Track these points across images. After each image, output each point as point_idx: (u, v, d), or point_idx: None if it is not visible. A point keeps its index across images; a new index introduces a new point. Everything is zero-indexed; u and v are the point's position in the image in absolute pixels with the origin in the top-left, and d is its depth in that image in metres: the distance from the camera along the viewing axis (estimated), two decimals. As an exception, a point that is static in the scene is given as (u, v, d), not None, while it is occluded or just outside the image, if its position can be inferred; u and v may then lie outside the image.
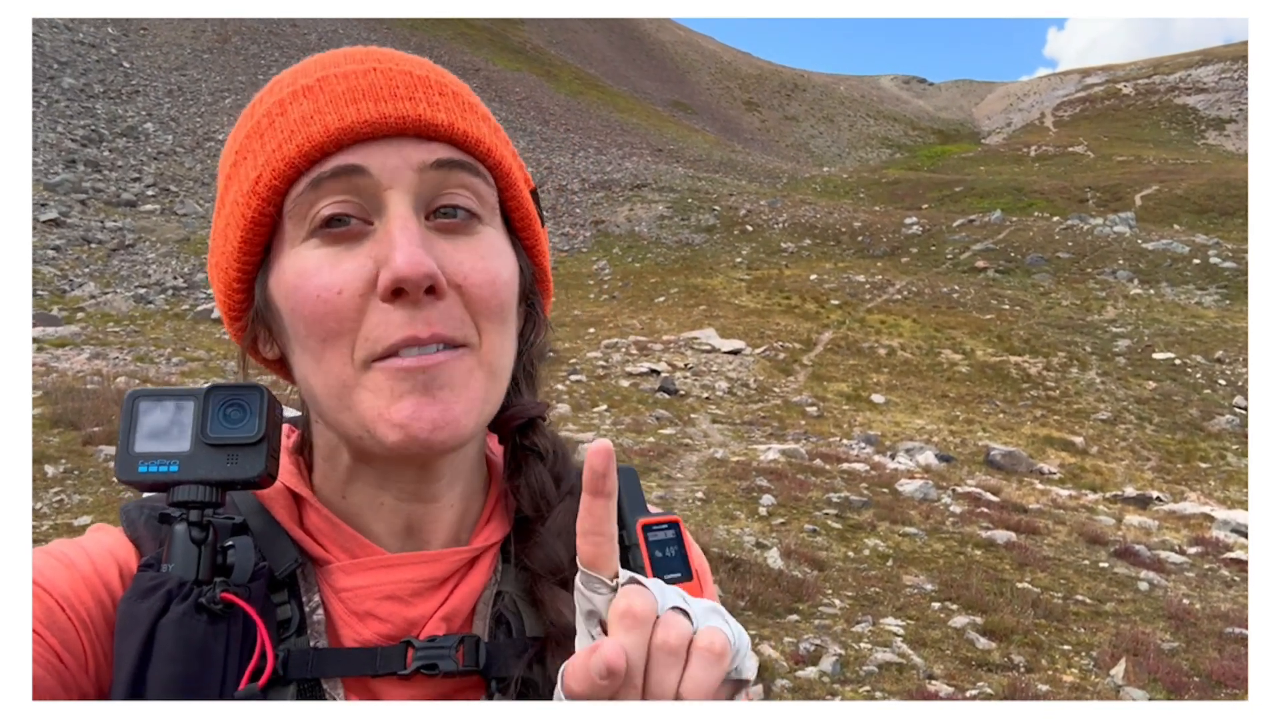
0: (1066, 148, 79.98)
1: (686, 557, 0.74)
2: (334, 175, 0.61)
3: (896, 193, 55.78)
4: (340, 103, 0.62)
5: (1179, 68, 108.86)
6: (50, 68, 38.41)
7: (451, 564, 0.70)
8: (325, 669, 0.65)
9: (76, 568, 0.62)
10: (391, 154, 0.62)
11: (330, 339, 0.62)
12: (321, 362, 0.63)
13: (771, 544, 7.32)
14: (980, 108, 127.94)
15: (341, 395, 0.63)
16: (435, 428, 0.61)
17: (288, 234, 0.64)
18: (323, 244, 0.62)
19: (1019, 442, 15.88)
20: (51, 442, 8.38)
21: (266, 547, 0.67)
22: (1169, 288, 30.58)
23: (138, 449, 0.62)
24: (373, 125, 0.61)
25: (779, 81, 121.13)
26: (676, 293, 29.05)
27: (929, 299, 28.87)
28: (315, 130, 0.61)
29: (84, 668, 0.60)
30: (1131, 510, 10.76)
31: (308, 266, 0.62)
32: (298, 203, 0.62)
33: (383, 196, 0.62)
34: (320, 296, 0.61)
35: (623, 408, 14.20)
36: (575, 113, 65.20)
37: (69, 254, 25.00)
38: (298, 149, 0.61)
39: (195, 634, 0.58)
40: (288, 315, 0.64)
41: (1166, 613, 6.63)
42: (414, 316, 0.61)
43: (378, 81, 0.63)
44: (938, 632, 5.90)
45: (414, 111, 0.63)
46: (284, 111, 0.63)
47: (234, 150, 0.67)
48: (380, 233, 0.62)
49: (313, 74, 0.65)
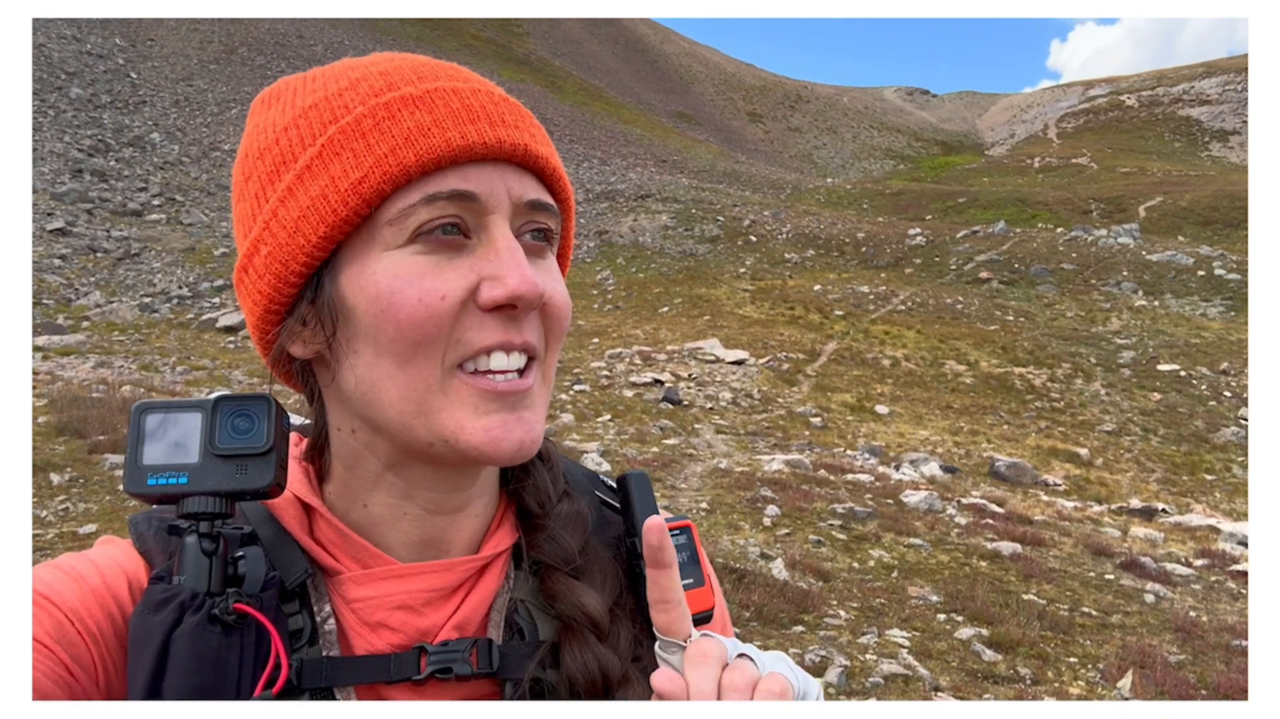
0: (1070, 159, 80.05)
1: (699, 562, 0.75)
2: (449, 197, 0.63)
3: (900, 204, 55.85)
4: (459, 120, 0.64)
5: (1182, 80, 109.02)
6: (58, 78, 38.64)
7: (463, 573, 0.70)
8: (339, 678, 0.65)
9: (86, 581, 0.62)
10: (497, 181, 0.65)
11: (424, 344, 0.63)
12: (407, 365, 0.63)
13: (776, 555, 7.30)
14: (983, 119, 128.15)
15: (423, 400, 0.64)
16: (521, 446, 0.65)
17: (380, 238, 0.63)
18: (424, 251, 0.63)
19: (1024, 453, 15.85)
20: (57, 450, 8.40)
21: (277, 557, 0.67)
22: (1173, 299, 30.54)
23: (146, 461, 0.62)
24: (489, 149, 0.64)
25: (782, 93, 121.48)
26: (680, 303, 29.08)
27: (933, 310, 28.86)
28: (436, 144, 0.62)
29: (94, 681, 0.60)
30: (1137, 522, 10.72)
31: (408, 271, 0.62)
32: (404, 212, 0.63)
33: (485, 219, 0.64)
34: (424, 301, 0.62)
35: (626, 418, 14.19)
36: (579, 124, 65.42)
37: (75, 263, 25.09)
38: (416, 159, 0.62)
39: (209, 646, 0.58)
40: (373, 317, 0.63)
41: (1173, 625, 6.60)
42: (509, 327, 0.64)
43: (487, 104, 0.66)
44: (943, 643, 5.88)
45: (521, 141, 0.66)
46: (393, 116, 0.63)
47: (311, 140, 0.65)
48: (483, 250, 0.64)
49: (413, 82, 0.66)
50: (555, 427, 12.77)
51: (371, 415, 0.66)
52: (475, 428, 0.63)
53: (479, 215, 0.64)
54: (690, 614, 0.63)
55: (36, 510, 6.75)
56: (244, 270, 0.68)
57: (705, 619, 0.74)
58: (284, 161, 0.66)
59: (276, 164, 0.66)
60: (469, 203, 0.63)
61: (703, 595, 0.73)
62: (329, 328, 0.65)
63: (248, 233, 0.68)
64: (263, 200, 0.66)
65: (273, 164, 0.66)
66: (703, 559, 0.75)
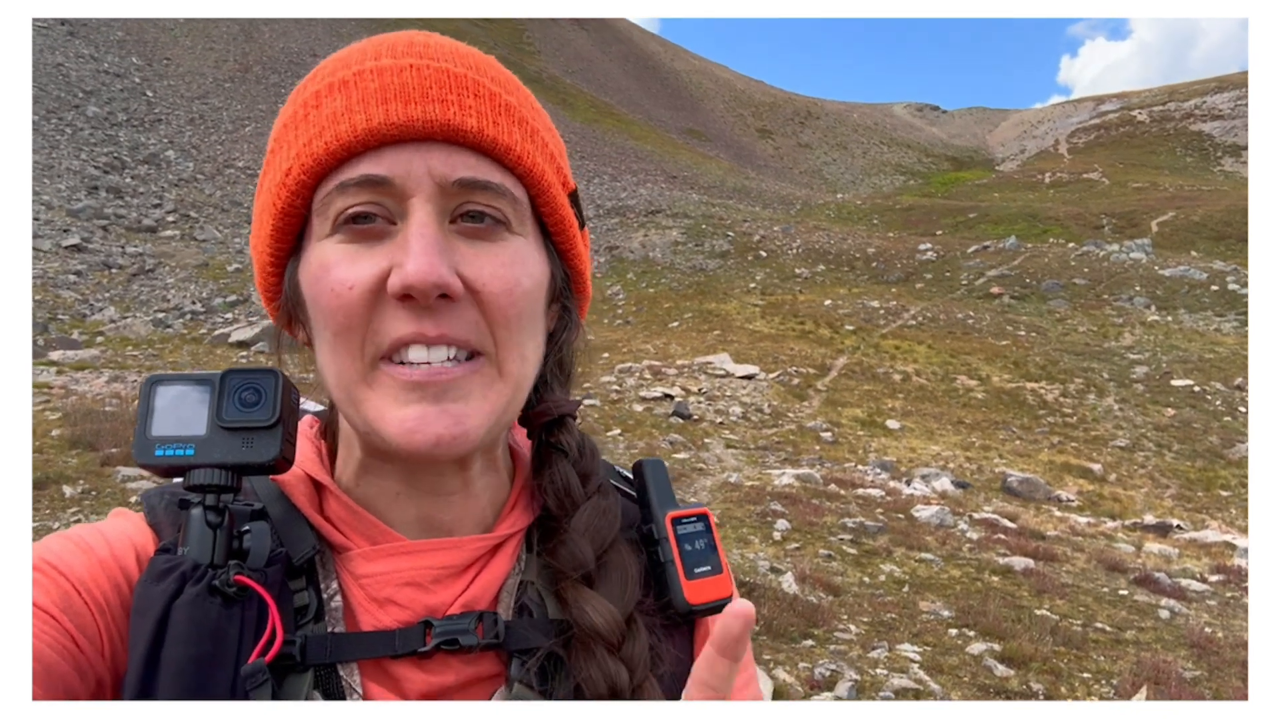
0: (1081, 174, 79.87)
1: (717, 549, 0.74)
2: (359, 184, 0.61)
3: (910, 219, 55.80)
4: (371, 102, 0.61)
5: (1194, 95, 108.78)
6: (75, 96, 39.11)
7: (474, 551, 0.70)
8: (343, 654, 0.65)
9: (94, 553, 0.63)
10: (417, 161, 0.61)
11: (341, 333, 0.62)
12: (336, 353, 0.64)
13: (786, 569, 7.27)
14: (994, 135, 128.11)
15: (350, 390, 0.64)
16: (439, 441, 0.62)
17: (314, 228, 0.65)
18: (345, 240, 0.63)
19: (1036, 468, 15.74)
20: (70, 463, 8.45)
21: (285, 533, 0.67)
22: (1187, 314, 30.36)
23: (154, 433, 0.62)
24: (399, 129, 0.61)
25: (792, 109, 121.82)
26: (690, 318, 29.08)
27: (944, 325, 28.77)
28: (343, 129, 0.61)
29: (100, 652, 0.60)
30: (1151, 538, 10.62)
31: (328, 260, 0.63)
32: (324, 201, 0.63)
33: (406, 203, 0.62)
34: (334, 290, 0.62)
35: (636, 432, 14.17)
36: (590, 140, 65.73)
37: (90, 279, 25.31)
38: (325, 148, 0.62)
39: (209, 617, 0.58)
40: (309, 305, 0.65)
41: (1188, 641, 6.52)
42: (422, 318, 0.61)
43: (410, 80, 0.62)
44: (955, 658, 5.83)
45: (442, 116, 0.62)
46: (319, 104, 0.64)
47: (274, 136, 0.68)
48: (400, 236, 0.62)
49: (351, 66, 0.65)
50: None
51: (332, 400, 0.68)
52: (392, 418, 0.62)
53: (400, 200, 0.62)
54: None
55: (49, 522, 6.78)
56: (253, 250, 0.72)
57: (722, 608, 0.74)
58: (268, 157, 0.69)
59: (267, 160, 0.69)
60: (384, 187, 0.61)
61: (721, 583, 0.73)
62: (296, 316, 0.68)
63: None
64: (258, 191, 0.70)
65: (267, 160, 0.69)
66: (719, 547, 0.75)
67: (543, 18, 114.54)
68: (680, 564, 0.72)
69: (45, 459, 8.51)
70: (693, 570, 0.72)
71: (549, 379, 0.76)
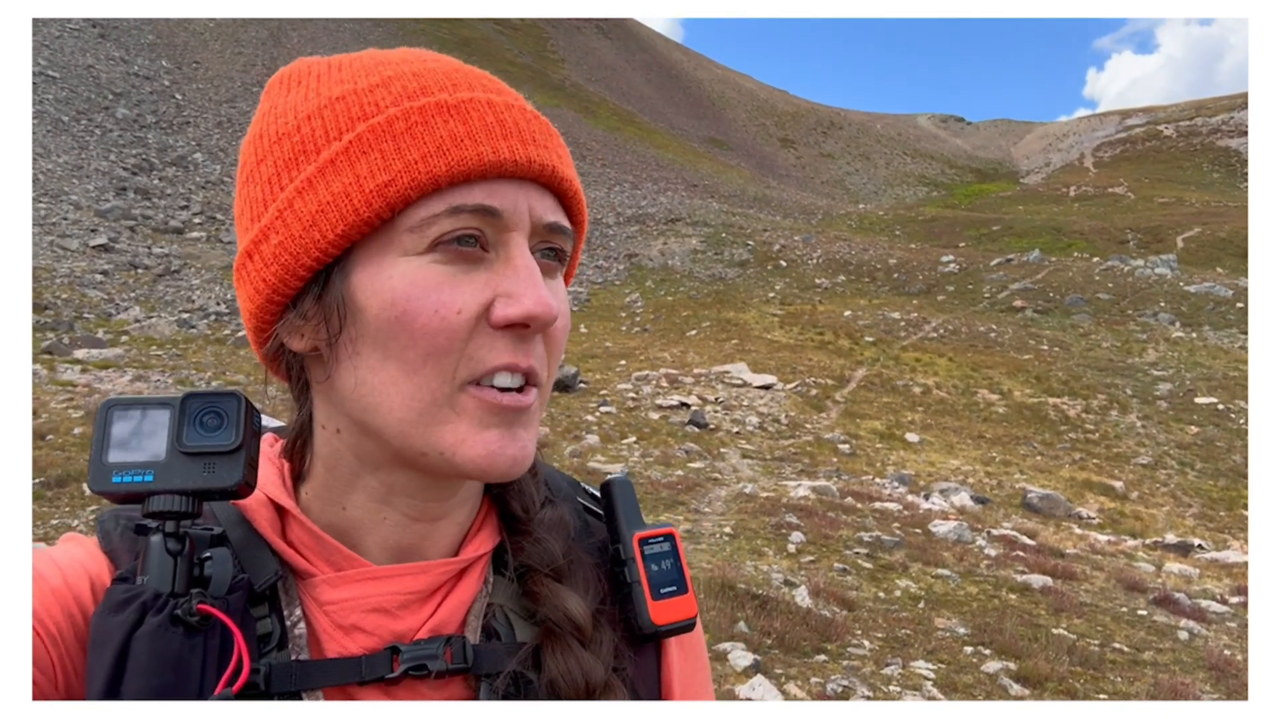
0: (1106, 189, 79.23)
1: (682, 569, 0.75)
2: (473, 211, 0.62)
3: (933, 231, 55.54)
4: (493, 134, 0.63)
5: (1221, 110, 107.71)
6: (105, 98, 39.69)
7: (440, 575, 0.69)
8: (309, 682, 0.63)
9: (46, 581, 0.61)
10: (521, 199, 0.64)
11: (434, 355, 0.62)
12: (415, 374, 0.62)
13: (800, 582, 7.22)
14: (1019, 147, 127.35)
15: (426, 411, 0.63)
16: (514, 464, 0.64)
17: (398, 242, 0.62)
18: (442, 261, 0.62)
19: (1057, 485, 15.58)
20: (91, 461, 8.54)
21: (246, 558, 0.66)
22: (1211, 331, 30.01)
23: (111, 459, 0.60)
24: (519, 167, 0.63)
25: (815, 119, 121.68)
26: (708, 326, 29.06)
27: (965, 338, 28.59)
28: (468, 156, 0.62)
29: (53, 683, 0.58)
30: (1172, 558, 10.48)
31: (426, 280, 0.62)
32: (427, 220, 0.62)
33: (505, 235, 0.64)
34: (439, 313, 0.61)
35: (652, 440, 14.16)
36: (612, 148, 65.95)
37: (116, 278, 25.63)
38: (446, 170, 0.61)
39: (171, 647, 0.57)
40: (386, 322, 0.62)
41: (1207, 663, 6.42)
42: (523, 350, 0.63)
43: (519, 120, 0.65)
44: (970, 677, 5.77)
45: (549, 161, 0.65)
46: (427, 122, 0.63)
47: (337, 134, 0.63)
48: (500, 266, 0.63)
49: (449, 89, 0.65)
50: (580, 448, 12.77)
51: (366, 419, 0.64)
52: (476, 441, 0.63)
53: (499, 231, 0.63)
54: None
55: (68, 520, 6.86)
56: (249, 256, 0.66)
57: (689, 627, 0.75)
58: (304, 151, 0.64)
59: (296, 152, 0.64)
60: (492, 218, 0.63)
61: (686, 603, 0.74)
62: (335, 326, 0.64)
63: (256, 217, 0.66)
64: (276, 187, 0.65)
65: (291, 151, 0.64)
66: (685, 566, 0.75)
67: (568, 26, 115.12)
68: (647, 584, 0.72)
69: (67, 457, 8.61)
70: (659, 590, 0.73)
71: None
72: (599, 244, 40.89)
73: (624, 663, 0.71)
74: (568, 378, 17.46)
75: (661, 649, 0.77)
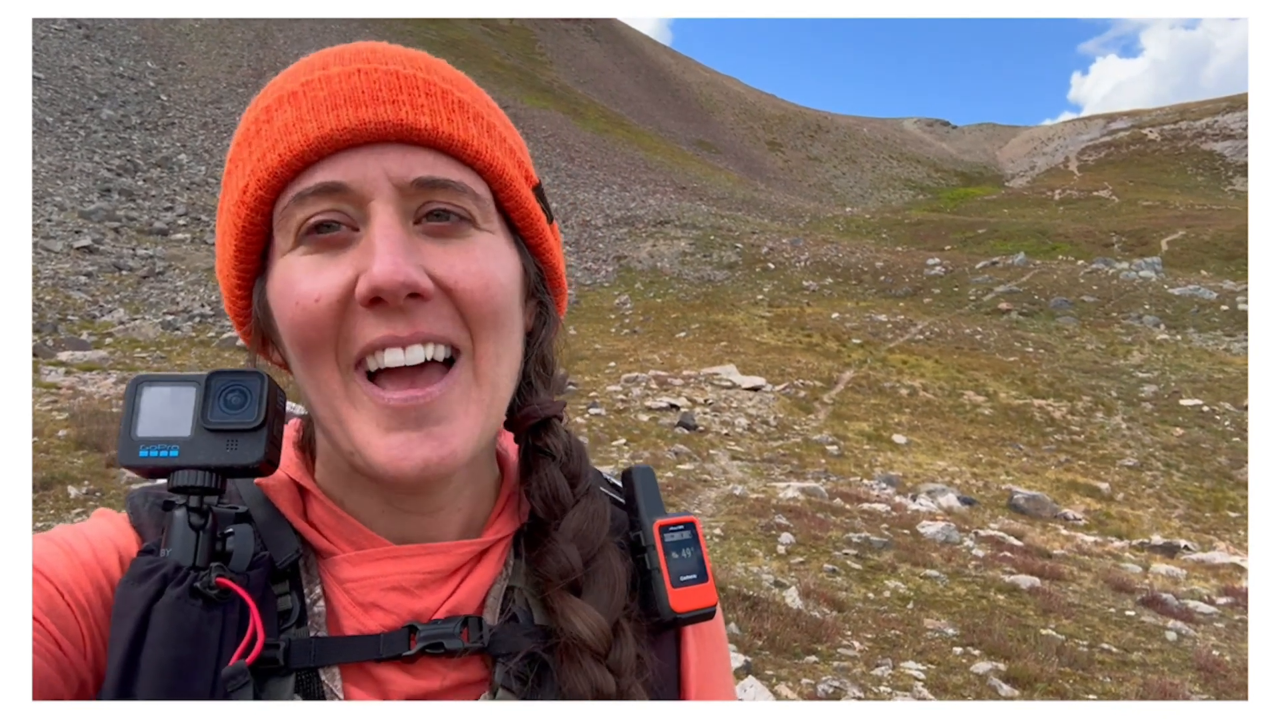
0: (1091, 192, 79.77)
1: (703, 558, 0.74)
2: (316, 193, 0.60)
3: (919, 234, 55.76)
4: (321, 110, 0.61)
5: (1206, 114, 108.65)
6: (90, 99, 39.38)
7: (460, 556, 0.69)
8: (327, 657, 0.64)
9: (77, 554, 0.62)
10: (372, 164, 0.61)
11: (312, 348, 0.61)
12: (311, 370, 0.62)
13: (790, 583, 7.23)
14: (1004, 151, 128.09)
15: (333, 406, 0.62)
16: (426, 465, 0.61)
17: (277, 243, 0.64)
18: (309, 251, 0.62)
19: (1043, 486, 15.65)
20: (75, 463, 8.46)
21: (269, 536, 0.67)
22: (1196, 334, 30.24)
23: (139, 434, 0.61)
24: (352, 133, 0.60)
25: (802, 122, 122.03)
26: (697, 328, 29.07)
27: (951, 340, 28.71)
28: (296, 140, 0.60)
29: (82, 654, 0.59)
30: (1158, 558, 10.54)
31: (292, 275, 0.62)
32: (283, 214, 0.62)
33: (367, 207, 0.61)
34: (300, 304, 0.60)
35: (641, 442, 14.14)
36: (600, 150, 65.91)
37: (100, 280, 25.41)
38: (279, 159, 0.61)
39: (189, 619, 0.58)
40: (279, 323, 0.64)
41: (1195, 664, 6.46)
42: (393, 319, 0.60)
43: (359, 85, 0.62)
44: (959, 677, 5.78)
45: (395, 116, 0.61)
46: (270, 118, 0.63)
47: (230, 156, 0.66)
48: (364, 240, 0.61)
49: (300, 77, 0.64)
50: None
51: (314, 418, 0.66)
52: (379, 445, 0.61)
53: (359, 205, 0.61)
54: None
55: (54, 523, 6.79)
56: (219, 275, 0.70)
57: (709, 615, 0.74)
58: (227, 174, 0.68)
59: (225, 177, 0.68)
60: (342, 194, 0.60)
61: (706, 591, 0.74)
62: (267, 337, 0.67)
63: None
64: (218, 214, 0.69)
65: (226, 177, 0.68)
66: (706, 555, 0.75)
67: (556, 29, 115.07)
68: (666, 572, 0.72)
69: (51, 459, 8.53)
70: (679, 578, 0.73)
71: (532, 380, 0.75)
72: (588, 246, 40.85)
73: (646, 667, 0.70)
74: (556, 380, 17.43)
75: (680, 638, 0.77)
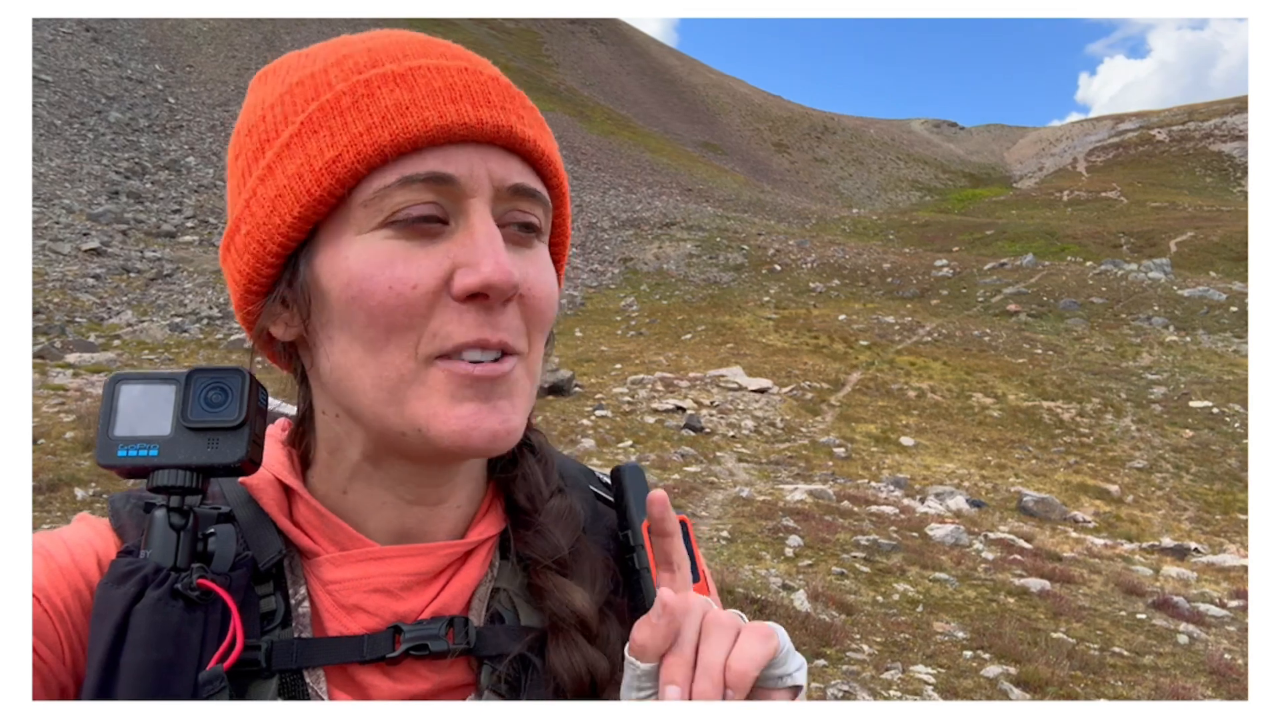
0: (1099, 193, 79.57)
1: (695, 558, 0.73)
2: (425, 180, 0.61)
3: (926, 235, 55.68)
4: (439, 99, 0.61)
5: (1214, 115, 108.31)
6: (98, 102, 39.57)
7: (444, 558, 0.69)
8: (310, 659, 0.64)
9: (54, 559, 0.62)
10: (478, 163, 0.62)
11: (395, 331, 0.61)
12: (379, 353, 0.61)
13: (798, 586, 7.18)
14: (1012, 152, 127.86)
15: (396, 389, 0.62)
16: (494, 437, 0.62)
17: (354, 219, 0.62)
18: (395, 236, 0.61)
19: (1052, 488, 15.58)
20: (82, 465, 8.46)
21: (252, 537, 0.66)
22: (1205, 335, 30.10)
23: (117, 433, 0.60)
24: (469, 129, 0.61)
25: (809, 124, 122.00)
26: (704, 330, 29.05)
27: (959, 342, 28.63)
28: (412, 123, 0.60)
29: (61, 659, 0.59)
30: (1169, 561, 10.47)
31: (380, 257, 0.60)
32: (380, 193, 0.61)
33: (465, 203, 0.62)
34: (394, 289, 0.60)
35: (648, 444, 14.12)
36: (606, 152, 65.97)
37: (108, 282, 25.51)
38: (391, 138, 0.60)
39: (170, 620, 0.57)
40: (345, 303, 0.61)
41: (1208, 668, 6.40)
42: (485, 321, 0.61)
43: (472, 83, 0.63)
44: (970, 681, 5.73)
45: (506, 122, 0.63)
46: (371, 94, 0.61)
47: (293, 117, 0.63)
48: (460, 235, 0.62)
49: (398, 59, 0.63)
50: (576, 452, 12.72)
51: (346, 402, 0.64)
52: (449, 415, 0.61)
53: (457, 200, 0.62)
54: (690, 579, 0.63)
55: (59, 525, 6.79)
56: (227, 248, 0.67)
57: None
58: (267, 139, 0.64)
59: (261, 141, 0.64)
60: (447, 186, 0.61)
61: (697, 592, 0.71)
62: (305, 312, 0.64)
63: (233, 209, 0.66)
64: (247, 177, 0.65)
65: (258, 141, 0.64)
66: (698, 556, 0.74)
67: (562, 31, 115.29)
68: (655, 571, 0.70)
69: (58, 461, 8.54)
70: None
71: None
72: (594, 248, 40.87)
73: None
74: (563, 382, 17.41)
75: None
